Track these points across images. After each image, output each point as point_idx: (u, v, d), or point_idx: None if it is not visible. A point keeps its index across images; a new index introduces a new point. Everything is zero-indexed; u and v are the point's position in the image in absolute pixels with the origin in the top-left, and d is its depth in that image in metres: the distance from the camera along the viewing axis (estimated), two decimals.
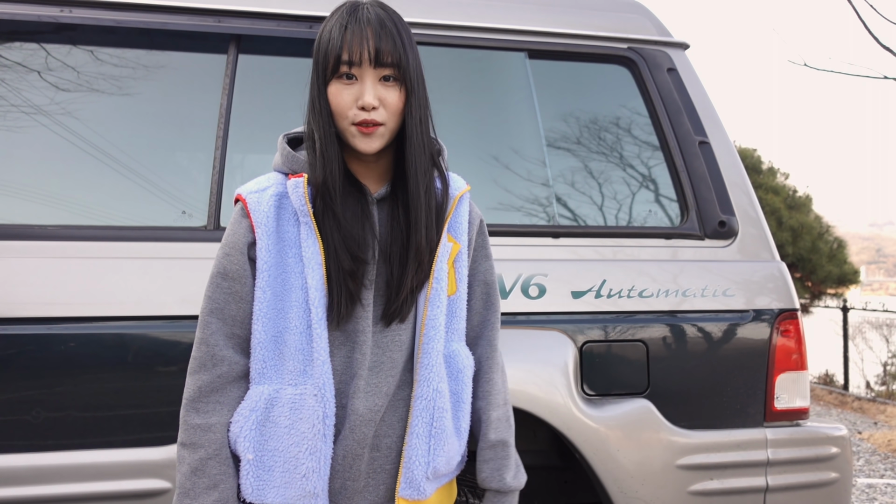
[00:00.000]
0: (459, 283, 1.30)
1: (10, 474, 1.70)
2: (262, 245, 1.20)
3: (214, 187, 1.93)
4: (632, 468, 1.95)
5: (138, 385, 1.77)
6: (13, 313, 1.74)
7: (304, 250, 1.19)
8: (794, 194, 9.61)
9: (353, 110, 1.18)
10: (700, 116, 2.24)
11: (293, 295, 1.19)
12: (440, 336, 1.24)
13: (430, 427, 1.22)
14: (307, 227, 1.19)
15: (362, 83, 1.17)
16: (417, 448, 1.21)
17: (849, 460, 2.15)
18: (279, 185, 1.25)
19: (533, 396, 1.90)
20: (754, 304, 2.11)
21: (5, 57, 1.97)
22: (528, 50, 2.24)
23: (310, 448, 1.16)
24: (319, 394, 1.16)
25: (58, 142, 1.94)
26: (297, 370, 1.18)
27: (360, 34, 1.16)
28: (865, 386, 9.11)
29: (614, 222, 2.21)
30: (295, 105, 2.08)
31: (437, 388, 1.22)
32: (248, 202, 1.23)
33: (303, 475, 1.16)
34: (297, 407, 1.17)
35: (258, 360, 1.19)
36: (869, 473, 5.35)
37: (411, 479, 1.21)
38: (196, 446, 1.17)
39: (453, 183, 1.30)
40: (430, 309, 1.23)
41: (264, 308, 1.19)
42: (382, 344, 1.22)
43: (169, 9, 2.01)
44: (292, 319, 1.19)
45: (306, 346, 1.18)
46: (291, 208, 1.22)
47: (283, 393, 1.18)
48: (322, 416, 1.16)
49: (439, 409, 1.22)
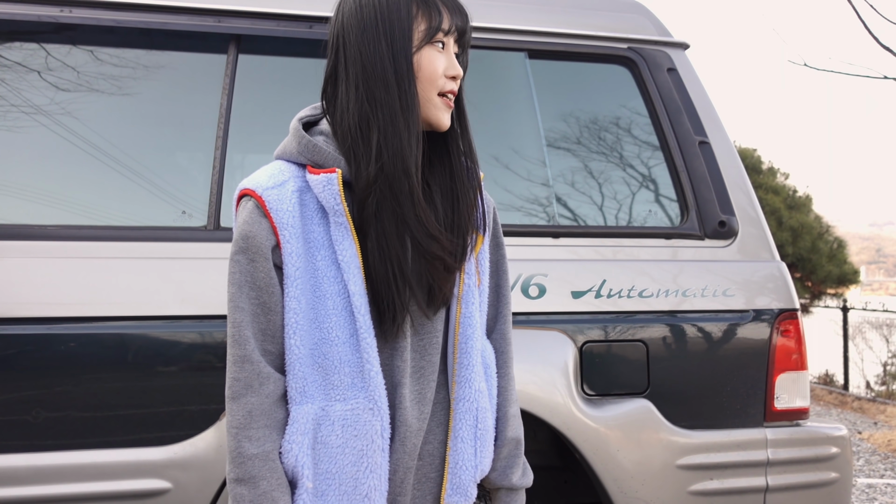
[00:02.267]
0: (482, 275, 1.24)
1: (10, 474, 1.70)
2: (290, 249, 1.08)
3: (214, 187, 1.93)
4: (632, 468, 1.95)
5: (138, 385, 1.77)
6: (13, 313, 1.74)
7: (339, 254, 1.09)
8: (794, 194, 9.61)
9: (442, 79, 1.12)
10: (700, 116, 2.24)
11: (329, 303, 1.09)
12: (476, 333, 1.18)
13: (475, 429, 1.16)
14: (342, 227, 1.09)
15: (448, 54, 1.13)
16: (463, 452, 1.15)
17: (849, 460, 2.15)
18: (296, 178, 1.12)
19: (533, 396, 1.90)
20: (754, 304, 2.11)
21: (5, 57, 1.97)
22: (528, 50, 2.24)
23: (370, 465, 1.07)
24: (375, 407, 1.08)
25: (58, 142, 1.94)
26: (344, 384, 1.08)
27: (453, 5, 1.13)
28: (865, 386, 9.11)
29: (614, 222, 2.21)
30: (295, 105, 2.08)
31: (479, 387, 1.17)
32: (265, 200, 1.09)
33: (364, 495, 1.08)
34: (349, 424, 1.07)
35: (298, 377, 1.08)
36: (869, 473, 5.35)
37: (458, 484, 1.15)
38: (257, 480, 1.05)
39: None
40: (463, 306, 1.17)
41: (300, 319, 1.08)
42: (420, 348, 1.15)
43: (169, 9, 2.01)
44: (332, 329, 1.08)
45: (352, 356, 1.08)
46: (314, 205, 1.11)
47: (332, 410, 1.08)
48: (380, 429, 1.08)
49: (482, 409, 1.17)
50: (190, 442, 1.77)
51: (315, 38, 2.06)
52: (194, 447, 1.77)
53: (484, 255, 1.25)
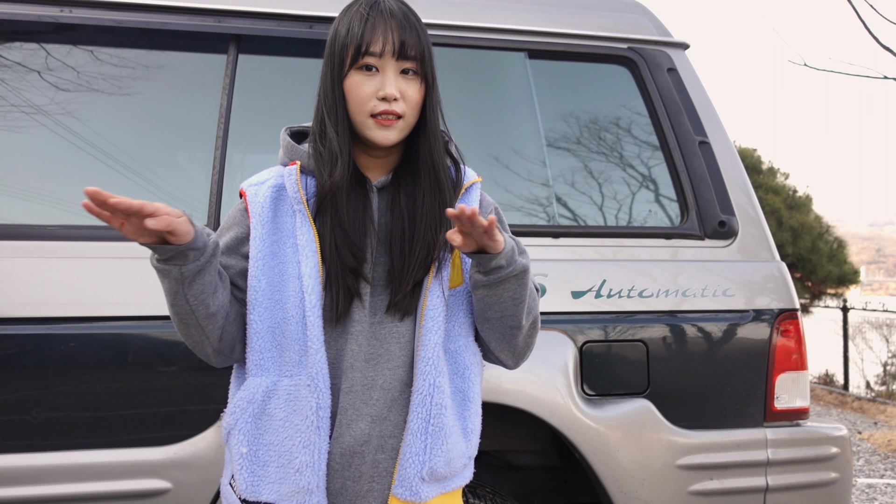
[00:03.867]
0: (466, 274, 1.25)
1: (10, 474, 1.70)
2: (256, 234, 1.19)
3: (214, 187, 1.93)
4: (632, 468, 1.95)
5: (138, 385, 1.77)
6: (13, 313, 1.74)
7: (298, 238, 1.18)
8: (794, 194, 9.61)
9: (372, 102, 1.17)
10: (700, 116, 2.24)
11: (290, 285, 1.17)
12: (439, 328, 1.19)
13: (426, 423, 1.17)
14: (301, 214, 1.19)
15: (384, 75, 1.17)
16: (412, 445, 1.17)
17: (849, 460, 2.15)
18: (279, 176, 1.24)
19: (533, 396, 1.90)
20: (754, 304, 2.11)
21: (5, 57, 1.97)
22: (528, 50, 2.24)
23: (303, 441, 1.13)
24: (313, 384, 1.14)
25: (58, 142, 1.94)
26: (293, 361, 1.16)
27: (384, 25, 1.16)
28: (865, 386, 9.11)
29: (614, 222, 2.21)
30: (295, 105, 2.09)
31: (435, 382, 1.17)
32: (247, 194, 1.23)
33: (297, 469, 1.13)
34: (291, 398, 1.14)
35: (255, 351, 1.17)
36: (869, 473, 5.35)
37: (404, 477, 1.16)
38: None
39: (465, 171, 1.29)
40: (429, 299, 1.19)
41: (259, 297, 1.17)
42: (380, 336, 1.19)
43: (169, 9, 2.01)
44: (290, 310, 1.16)
45: (302, 335, 1.15)
46: (290, 199, 1.21)
47: (280, 385, 1.15)
48: (315, 407, 1.14)
49: (437, 405, 1.17)
50: (190, 442, 1.77)
51: (315, 38, 2.06)
52: (194, 447, 1.77)
53: None
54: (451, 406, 1.20)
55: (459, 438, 1.21)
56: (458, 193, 1.26)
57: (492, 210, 1.32)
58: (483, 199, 1.32)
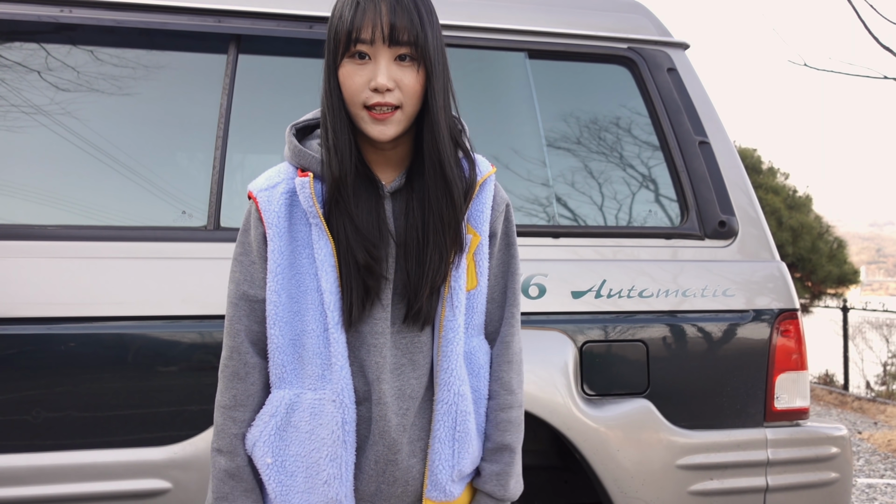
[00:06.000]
0: (480, 276, 1.23)
1: (10, 474, 1.70)
2: (274, 247, 1.15)
3: (214, 187, 1.93)
4: (632, 468, 1.95)
5: (138, 385, 1.77)
6: (13, 313, 1.74)
7: (316, 252, 1.14)
8: (794, 194, 9.61)
9: (365, 93, 1.09)
10: (700, 116, 2.24)
11: (309, 297, 1.15)
12: (459, 338, 1.18)
13: (453, 431, 1.18)
14: (318, 227, 1.14)
15: (376, 63, 1.09)
16: (441, 452, 1.17)
17: (849, 460, 2.15)
18: (290, 180, 1.18)
19: (533, 396, 1.90)
20: (754, 304, 2.11)
21: (5, 57, 1.97)
22: (528, 50, 2.24)
23: (330, 454, 1.13)
24: (338, 399, 1.13)
25: (58, 142, 1.94)
26: (316, 374, 1.14)
27: (373, 10, 1.07)
28: (865, 386, 9.11)
29: (614, 222, 2.21)
30: (295, 105, 2.09)
31: (459, 391, 1.18)
32: (259, 201, 1.17)
33: (324, 482, 1.13)
34: (316, 413, 1.14)
35: (277, 364, 1.16)
36: (869, 473, 5.35)
37: (436, 482, 1.18)
38: (234, 454, 1.17)
39: (479, 165, 1.22)
40: (447, 309, 1.17)
41: (280, 311, 1.15)
42: (402, 346, 1.18)
43: (169, 9, 2.01)
44: (309, 322, 1.15)
45: (324, 349, 1.14)
46: (302, 206, 1.17)
47: (304, 398, 1.15)
48: (341, 422, 1.13)
49: (462, 412, 1.18)
50: (190, 442, 1.77)
51: (315, 38, 2.06)
52: (194, 447, 1.77)
53: (482, 256, 1.22)
54: (472, 411, 1.21)
55: (477, 438, 1.23)
56: (472, 193, 1.19)
57: (503, 208, 1.26)
58: (497, 195, 1.25)
